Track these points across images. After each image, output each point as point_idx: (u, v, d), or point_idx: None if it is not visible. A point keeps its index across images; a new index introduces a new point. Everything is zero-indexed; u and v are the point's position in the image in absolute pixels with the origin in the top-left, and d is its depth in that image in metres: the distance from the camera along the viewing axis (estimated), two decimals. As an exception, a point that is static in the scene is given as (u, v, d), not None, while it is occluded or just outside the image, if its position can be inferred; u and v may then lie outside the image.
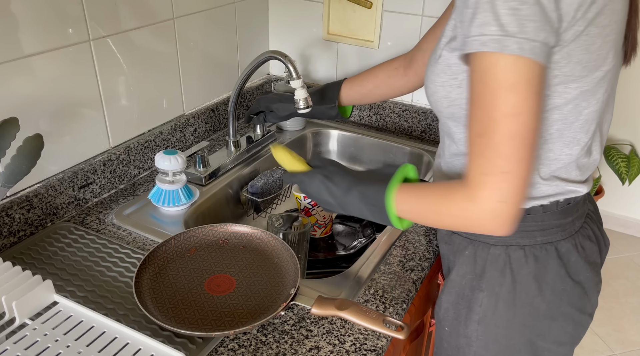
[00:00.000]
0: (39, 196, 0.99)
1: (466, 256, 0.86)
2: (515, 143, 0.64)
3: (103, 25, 1.04)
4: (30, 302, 0.72)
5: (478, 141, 0.67)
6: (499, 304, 0.82)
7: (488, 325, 0.84)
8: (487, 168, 0.66)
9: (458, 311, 0.87)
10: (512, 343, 0.84)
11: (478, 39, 0.63)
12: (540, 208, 0.78)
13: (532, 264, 0.80)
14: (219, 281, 0.86)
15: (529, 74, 0.63)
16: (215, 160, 1.24)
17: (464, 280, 0.86)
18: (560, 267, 0.80)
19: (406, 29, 1.39)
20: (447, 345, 0.92)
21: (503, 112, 0.64)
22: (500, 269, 0.81)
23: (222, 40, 1.39)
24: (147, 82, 1.19)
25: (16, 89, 0.92)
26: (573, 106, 0.72)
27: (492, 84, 0.64)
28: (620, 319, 2.36)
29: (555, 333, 0.83)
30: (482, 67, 0.64)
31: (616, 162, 2.69)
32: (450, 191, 0.72)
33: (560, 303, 0.81)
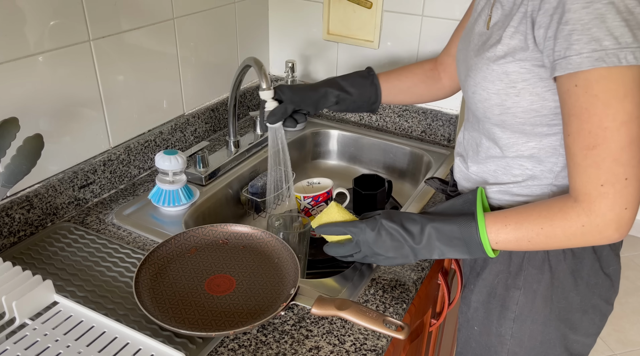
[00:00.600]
0: (39, 196, 0.99)
1: (501, 254, 0.86)
2: (633, 148, 0.65)
3: (103, 25, 1.04)
4: (30, 302, 0.72)
5: (590, 154, 0.66)
6: (537, 301, 0.83)
7: (524, 321, 0.85)
8: (606, 178, 0.66)
9: (489, 311, 0.88)
10: (547, 338, 0.85)
11: (591, 55, 0.63)
12: None
13: (570, 259, 0.81)
14: (219, 281, 0.86)
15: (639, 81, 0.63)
16: (215, 160, 1.24)
17: (497, 279, 0.86)
18: (595, 261, 0.82)
19: (406, 29, 1.39)
20: (476, 345, 0.93)
21: (619, 120, 0.64)
22: (539, 267, 0.82)
23: (222, 40, 1.39)
24: (147, 82, 1.19)
25: (16, 89, 0.92)
26: None
27: (603, 96, 0.64)
28: (620, 319, 2.36)
29: (585, 325, 0.85)
30: (590, 82, 0.64)
31: (616, 162, 2.68)
32: (560, 210, 0.71)
33: (592, 296, 0.83)
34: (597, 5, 0.62)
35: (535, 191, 0.81)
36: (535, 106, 0.74)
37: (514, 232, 0.74)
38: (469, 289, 0.92)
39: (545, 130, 0.76)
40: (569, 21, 0.64)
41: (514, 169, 0.82)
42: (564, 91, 0.67)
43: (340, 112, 1.51)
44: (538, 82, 0.72)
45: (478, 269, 0.91)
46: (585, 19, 0.62)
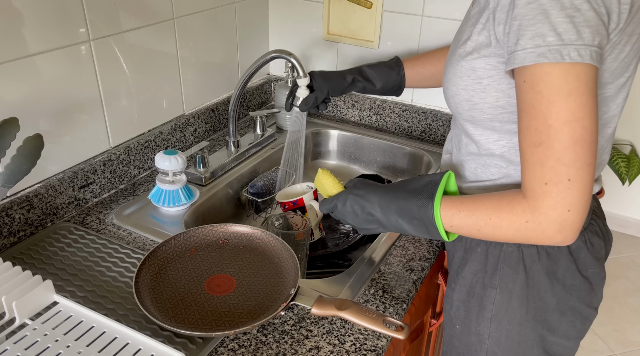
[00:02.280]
0: (39, 196, 0.99)
1: (478, 253, 0.86)
2: (577, 149, 0.64)
3: (103, 25, 1.04)
4: (30, 302, 0.72)
5: (535, 151, 0.66)
6: (512, 301, 0.83)
7: (501, 321, 0.85)
8: (549, 177, 0.66)
9: (469, 309, 0.88)
10: (524, 338, 0.85)
11: (534, 50, 0.63)
12: None
13: (545, 260, 0.81)
14: (219, 281, 0.86)
15: (586, 78, 0.63)
16: (215, 160, 1.25)
17: (475, 278, 0.87)
18: (571, 263, 0.81)
19: (406, 29, 1.39)
20: (458, 343, 0.92)
21: (562, 119, 0.63)
22: (514, 266, 0.82)
23: (222, 40, 1.39)
24: (147, 82, 1.19)
25: (16, 89, 0.92)
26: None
27: (547, 93, 0.63)
28: (620, 319, 2.36)
29: (564, 327, 0.84)
30: (535, 78, 0.64)
31: (616, 162, 2.69)
32: (508, 203, 0.71)
33: (569, 298, 0.82)
34: (542, 1, 0.62)
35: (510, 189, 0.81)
36: (501, 102, 0.74)
37: (466, 219, 0.75)
38: (451, 288, 0.93)
39: (513, 127, 0.76)
40: (517, 17, 0.64)
41: (490, 167, 0.83)
42: (516, 86, 0.68)
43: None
44: (502, 78, 0.73)
45: (457, 268, 0.91)
46: (530, 15, 0.63)
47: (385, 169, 1.46)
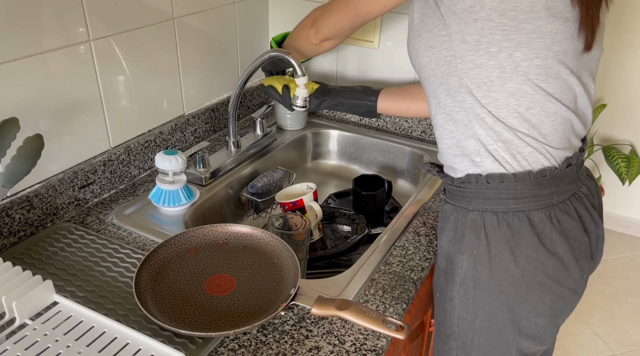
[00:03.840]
0: (39, 196, 0.99)
1: (451, 221, 0.91)
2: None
3: (103, 25, 1.04)
4: (30, 302, 0.72)
5: None
6: (477, 266, 0.87)
7: (468, 287, 0.89)
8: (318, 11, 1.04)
9: (447, 276, 0.92)
10: (489, 306, 0.88)
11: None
12: (512, 176, 0.83)
13: (505, 229, 0.84)
14: (219, 281, 0.86)
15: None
16: (215, 160, 1.25)
17: (450, 245, 0.91)
18: (533, 235, 0.84)
19: (406, 29, 1.39)
20: (438, 311, 0.97)
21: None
22: (477, 233, 0.86)
23: (222, 40, 1.39)
24: (147, 82, 1.19)
25: (16, 89, 0.92)
26: (506, 54, 0.77)
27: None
28: (620, 319, 2.36)
29: (532, 301, 0.86)
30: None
31: (616, 162, 2.69)
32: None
33: (535, 272, 0.85)
34: None
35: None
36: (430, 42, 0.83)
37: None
38: (435, 259, 0.97)
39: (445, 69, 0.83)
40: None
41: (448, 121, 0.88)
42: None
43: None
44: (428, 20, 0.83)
45: (438, 238, 0.95)
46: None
47: (385, 169, 1.46)
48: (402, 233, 1.05)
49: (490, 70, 0.78)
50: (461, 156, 0.87)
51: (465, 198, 0.88)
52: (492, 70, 0.78)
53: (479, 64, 0.78)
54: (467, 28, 0.77)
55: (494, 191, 0.85)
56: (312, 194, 1.14)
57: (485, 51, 0.77)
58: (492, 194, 0.85)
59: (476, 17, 0.76)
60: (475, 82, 0.80)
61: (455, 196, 0.91)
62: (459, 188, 0.89)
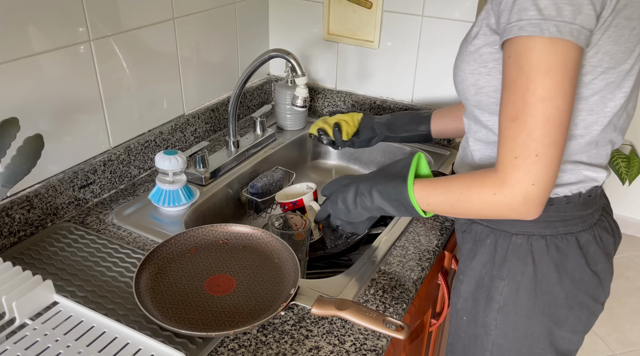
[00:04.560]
0: (39, 196, 0.99)
1: (487, 245, 0.87)
2: (548, 126, 0.66)
3: (103, 25, 1.04)
4: (30, 302, 0.72)
5: (511, 125, 0.68)
6: (520, 292, 0.84)
7: (508, 313, 0.85)
8: (519, 151, 0.68)
9: (477, 301, 0.89)
10: (530, 331, 0.85)
11: (517, 24, 0.65)
12: (564, 198, 0.80)
13: (554, 253, 0.82)
14: (219, 281, 0.86)
15: (565, 58, 0.64)
16: (215, 160, 1.25)
17: (484, 269, 0.87)
18: (580, 257, 0.82)
19: (406, 29, 1.39)
20: (465, 335, 0.93)
21: (538, 96, 0.65)
22: (522, 258, 0.83)
23: (222, 40, 1.39)
24: (147, 82, 1.19)
25: (16, 89, 0.92)
26: (599, 97, 0.73)
27: (527, 69, 0.65)
28: (620, 319, 2.36)
29: (572, 321, 0.85)
30: (518, 52, 0.66)
31: (616, 162, 2.69)
32: (480, 178, 0.74)
33: (578, 292, 0.83)
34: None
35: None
36: None
37: (440, 195, 0.79)
38: (459, 280, 0.93)
39: None
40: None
41: None
42: (503, 62, 0.70)
43: None
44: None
45: (465, 260, 0.92)
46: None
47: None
48: (402, 233, 1.05)
49: (576, 114, 0.74)
50: None
51: (506, 220, 0.83)
52: (578, 114, 0.74)
53: None
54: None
55: (542, 214, 0.79)
56: (312, 194, 1.14)
57: (578, 96, 0.73)
58: (540, 217, 0.79)
59: (584, 64, 0.70)
60: None
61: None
62: None
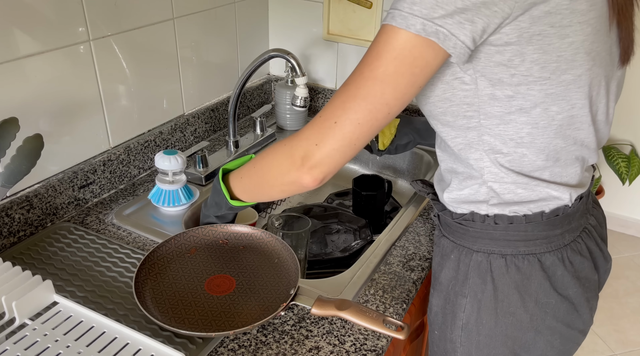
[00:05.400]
0: (39, 196, 0.99)
1: (452, 260, 0.84)
2: (362, 104, 0.66)
3: (103, 25, 1.04)
4: (30, 302, 0.72)
5: (340, 90, 0.70)
6: (482, 312, 0.81)
7: (471, 331, 0.83)
8: (326, 113, 0.69)
9: (445, 316, 0.86)
10: (494, 352, 0.82)
11: (391, 12, 0.64)
12: (523, 218, 0.77)
13: (514, 274, 0.78)
14: (219, 281, 0.86)
15: (420, 54, 0.64)
16: (215, 160, 1.24)
17: (450, 284, 0.85)
18: (544, 280, 0.78)
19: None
20: (437, 349, 0.91)
21: (374, 74, 0.65)
22: (482, 277, 0.80)
23: (222, 40, 1.39)
24: (147, 82, 1.19)
25: (16, 89, 0.92)
26: (541, 109, 0.70)
27: (382, 48, 0.65)
28: (620, 319, 2.36)
29: (541, 346, 0.81)
30: (384, 33, 0.65)
31: (616, 162, 2.68)
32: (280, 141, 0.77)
33: (545, 316, 0.79)
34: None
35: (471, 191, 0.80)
36: (447, 94, 0.73)
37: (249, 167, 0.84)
38: (431, 293, 0.90)
39: (465, 123, 0.74)
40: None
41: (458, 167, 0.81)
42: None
43: None
44: (445, 69, 0.72)
45: (435, 274, 0.89)
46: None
47: (386, 169, 1.45)
48: (402, 233, 1.05)
49: (520, 127, 0.71)
50: (467, 203, 0.80)
51: (467, 236, 0.81)
52: (522, 126, 0.71)
53: (508, 121, 0.71)
54: (500, 84, 0.69)
55: (502, 232, 0.78)
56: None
57: (517, 108, 0.70)
58: (499, 235, 0.78)
59: (514, 72, 0.68)
60: (500, 139, 0.73)
61: (455, 232, 0.83)
62: (461, 225, 0.82)
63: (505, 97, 0.70)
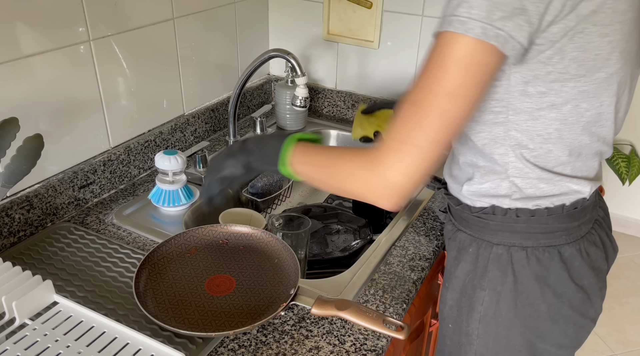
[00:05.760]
0: (39, 196, 0.99)
1: (470, 253, 0.86)
2: (439, 122, 0.64)
3: (103, 25, 1.04)
4: (30, 302, 0.72)
5: (408, 108, 0.66)
6: (501, 303, 0.82)
7: (489, 323, 0.84)
8: (403, 136, 0.66)
9: (461, 309, 0.88)
10: (512, 343, 0.84)
11: (448, 19, 0.63)
12: (545, 210, 0.78)
13: (535, 265, 0.80)
14: (219, 281, 0.86)
15: (483, 61, 0.63)
16: (215, 160, 1.24)
17: (467, 278, 0.86)
18: (563, 271, 0.80)
19: (406, 29, 1.39)
20: (450, 342, 0.92)
21: (444, 88, 0.63)
22: (503, 269, 0.82)
23: (222, 40, 1.39)
24: (147, 82, 1.19)
25: (16, 89, 0.92)
26: (572, 106, 0.71)
27: (446, 59, 0.63)
28: (620, 319, 2.36)
29: (555, 335, 0.83)
30: (444, 43, 0.64)
31: (616, 162, 2.69)
32: (360, 151, 0.72)
33: (561, 306, 0.81)
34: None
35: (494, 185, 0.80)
36: None
37: (319, 155, 0.76)
38: (445, 286, 0.92)
39: (491, 118, 0.75)
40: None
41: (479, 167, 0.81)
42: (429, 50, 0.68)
43: None
44: None
45: (450, 267, 0.91)
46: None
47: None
48: (402, 233, 1.05)
49: (549, 123, 0.72)
50: (487, 196, 0.81)
51: (487, 230, 0.83)
52: (551, 123, 0.72)
53: (537, 117, 0.72)
54: (534, 80, 0.69)
55: (523, 225, 0.79)
56: None
57: (549, 104, 0.71)
58: (521, 228, 0.80)
59: (550, 70, 0.68)
60: (528, 135, 0.73)
61: (473, 226, 0.84)
62: (480, 218, 0.83)
63: (538, 93, 0.70)
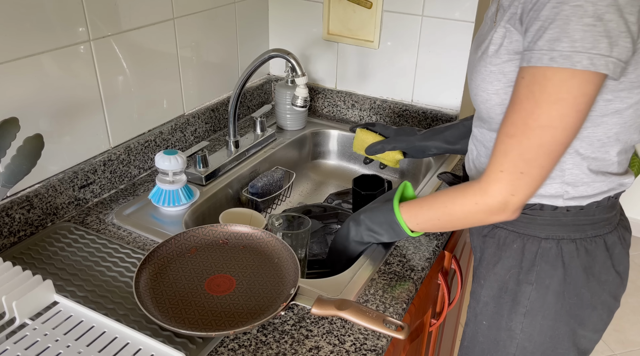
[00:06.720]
0: (39, 196, 0.99)
1: (514, 249, 0.87)
2: (540, 151, 0.70)
3: (103, 25, 1.04)
4: (30, 302, 0.72)
5: (506, 141, 0.71)
6: (548, 296, 0.85)
7: (535, 316, 0.86)
8: (507, 166, 0.72)
9: (500, 305, 0.89)
10: (556, 333, 0.86)
11: (548, 54, 0.65)
12: (595, 203, 0.81)
13: (583, 256, 0.83)
14: (219, 281, 0.86)
15: (579, 92, 0.65)
16: (215, 160, 1.25)
17: (509, 274, 0.88)
18: (607, 259, 0.83)
19: (406, 29, 1.39)
20: (484, 339, 0.93)
21: (539, 122, 0.68)
22: (552, 263, 0.84)
23: (222, 40, 1.39)
24: (147, 82, 1.19)
25: (16, 88, 0.92)
26: (633, 110, 0.74)
27: (538, 95, 0.67)
28: (620, 319, 2.36)
29: (594, 320, 0.86)
30: (535, 78, 0.67)
31: (616, 162, 2.68)
32: (462, 190, 0.78)
33: (602, 293, 0.85)
34: (565, 7, 0.63)
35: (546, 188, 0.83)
36: None
37: (427, 212, 0.84)
38: (479, 284, 0.93)
39: None
40: (540, 17, 0.66)
41: None
42: (516, 79, 0.71)
43: None
44: None
45: (487, 265, 0.92)
46: (552, 18, 0.64)
47: (386, 169, 1.46)
48: (402, 232, 1.05)
49: (610, 127, 0.75)
50: (537, 197, 0.83)
51: (534, 224, 0.84)
52: (612, 127, 0.75)
53: (599, 123, 0.74)
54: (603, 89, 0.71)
55: (572, 218, 0.82)
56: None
57: (613, 110, 0.73)
58: (569, 221, 0.82)
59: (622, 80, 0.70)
60: (588, 141, 0.76)
61: (517, 222, 0.85)
62: (526, 215, 0.84)
63: (603, 101, 0.72)
